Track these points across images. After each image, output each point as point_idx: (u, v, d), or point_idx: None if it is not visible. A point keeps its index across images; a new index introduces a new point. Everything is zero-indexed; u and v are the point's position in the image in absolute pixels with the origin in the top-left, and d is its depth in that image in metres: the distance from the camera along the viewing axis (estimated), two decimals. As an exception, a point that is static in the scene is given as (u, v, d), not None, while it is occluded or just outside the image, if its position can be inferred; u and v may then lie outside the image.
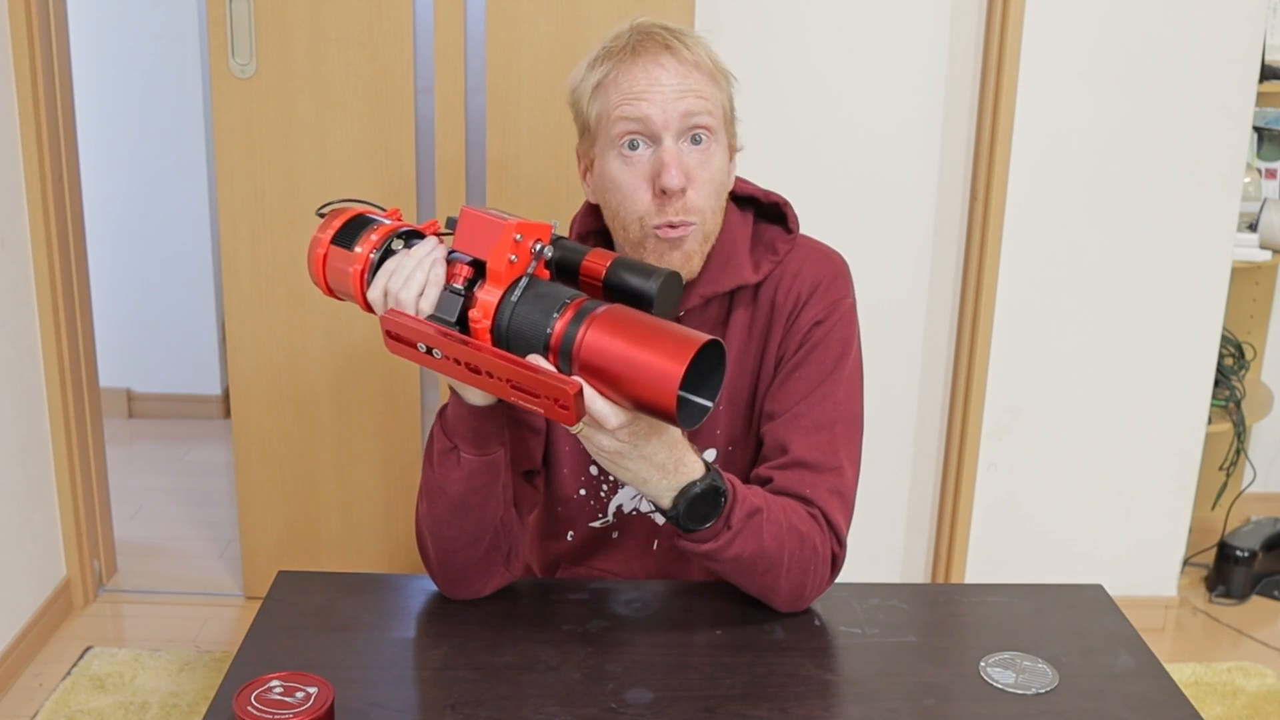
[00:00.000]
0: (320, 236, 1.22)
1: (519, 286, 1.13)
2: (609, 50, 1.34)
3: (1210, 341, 2.54)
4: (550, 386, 1.08)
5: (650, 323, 1.10)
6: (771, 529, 1.28)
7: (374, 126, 2.37)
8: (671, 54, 1.31)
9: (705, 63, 1.33)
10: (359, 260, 1.20)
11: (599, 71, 1.33)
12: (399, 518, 2.60)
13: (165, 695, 2.29)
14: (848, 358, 1.41)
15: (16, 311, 2.42)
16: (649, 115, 1.30)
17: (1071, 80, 2.38)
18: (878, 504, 2.63)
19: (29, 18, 2.34)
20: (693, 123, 1.31)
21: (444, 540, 1.32)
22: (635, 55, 1.31)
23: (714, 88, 1.33)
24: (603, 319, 1.10)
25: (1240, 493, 3.10)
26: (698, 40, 1.35)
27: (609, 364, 1.09)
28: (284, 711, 1.05)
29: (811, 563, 1.32)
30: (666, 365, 1.06)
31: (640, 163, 1.32)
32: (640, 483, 1.21)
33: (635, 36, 1.33)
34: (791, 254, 1.43)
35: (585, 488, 1.48)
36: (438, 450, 1.29)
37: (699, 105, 1.31)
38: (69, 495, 2.59)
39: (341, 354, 2.49)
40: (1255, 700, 2.40)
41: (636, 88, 1.30)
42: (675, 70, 1.31)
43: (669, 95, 1.30)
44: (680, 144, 1.31)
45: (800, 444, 1.36)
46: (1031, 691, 1.22)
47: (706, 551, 1.26)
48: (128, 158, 3.52)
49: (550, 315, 1.11)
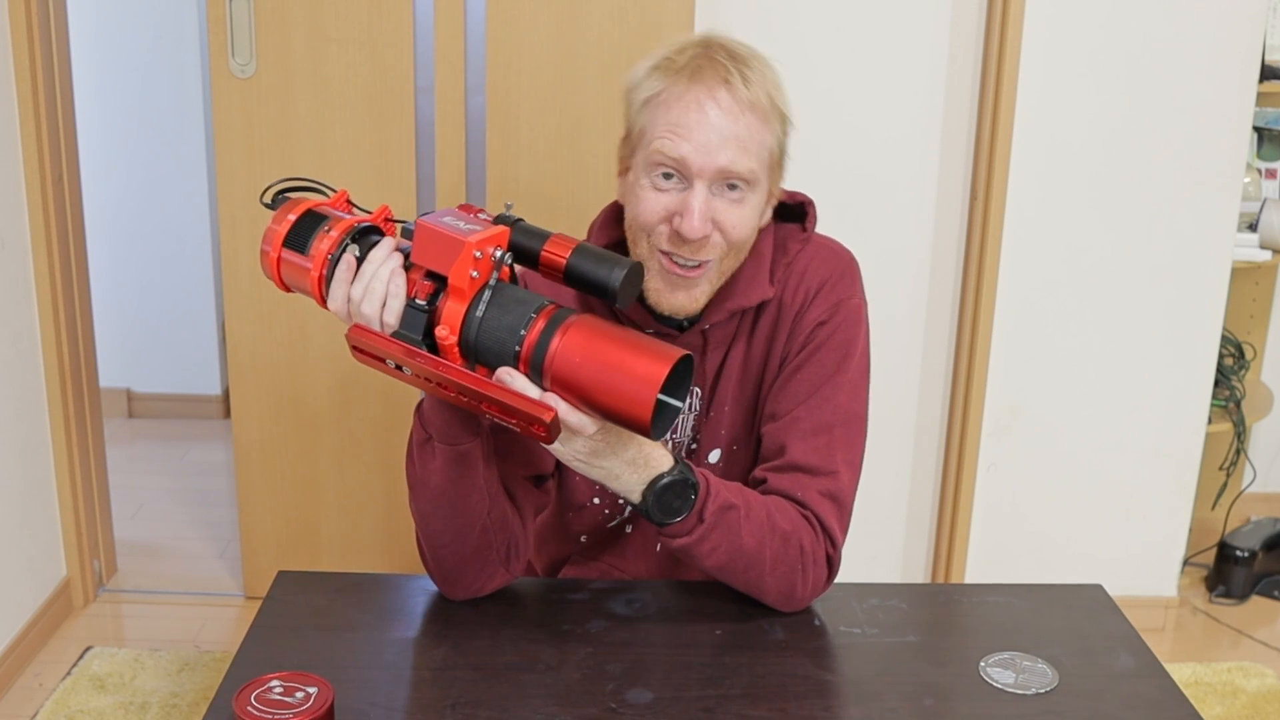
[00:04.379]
0: (271, 238, 1.18)
1: (483, 300, 1.12)
2: (669, 62, 1.29)
3: (1210, 341, 2.54)
4: (525, 412, 1.09)
5: (621, 336, 1.10)
6: (750, 526, 1.28)
7: (374, 126, 2.37)
8: (728, 90, 1.26)
9: (761, 103, 1.28)
10: (315, 264, 1.17)
11: (653, 84, 1.29)
12: (399, 518, 2.60)
13: (165, 695, 2.29)
14: (851, 359, 1.39)
15: (16, 311, 2.42)
16: (686, 158, 1.26)
17: (1072, 80, 2.38)
18: (878, 504, 2.63)
19: (29, 18, 2.34)
20: (730, 174, 1.28)
21: (432, 534, 1.32)
22: (691, 81, 1.27)
23: (764, 130, 1.29)
24: (573, 333, 1.10)
25: (1240, 493, 3.10)
26: (762, 74, 1.29)
27: (582, 379, 1.09)
28: (284, 711, 1.05)
29: (799, 563, 1.31)
30: (640, 385, 1.07)
31: (668, 195, 1.29)
32: (612, 479, 1.22)
33: (697, 57, 1.28)
34: (802, 252, 1.42)
35: (600, 496, 1.48)
36: (416, 441, 1.29)
37: (740, 159, 1.27)
38: (69, 495, 2.59)
39: (341, 354, 2.49)
40: (1255, 700, 2.40)
41: (683, 120, 1.26)
42: (727, 109, 1.26)
43: (712, 140, 1.26)
44: (713, 190, 1.29)
45: (797, 447, 1.36)
46: (1031, 691, 1.22)
47: (681, 547, 1.27)
48: (128, 158, 3.52)
49: (518, 331, 1.10)
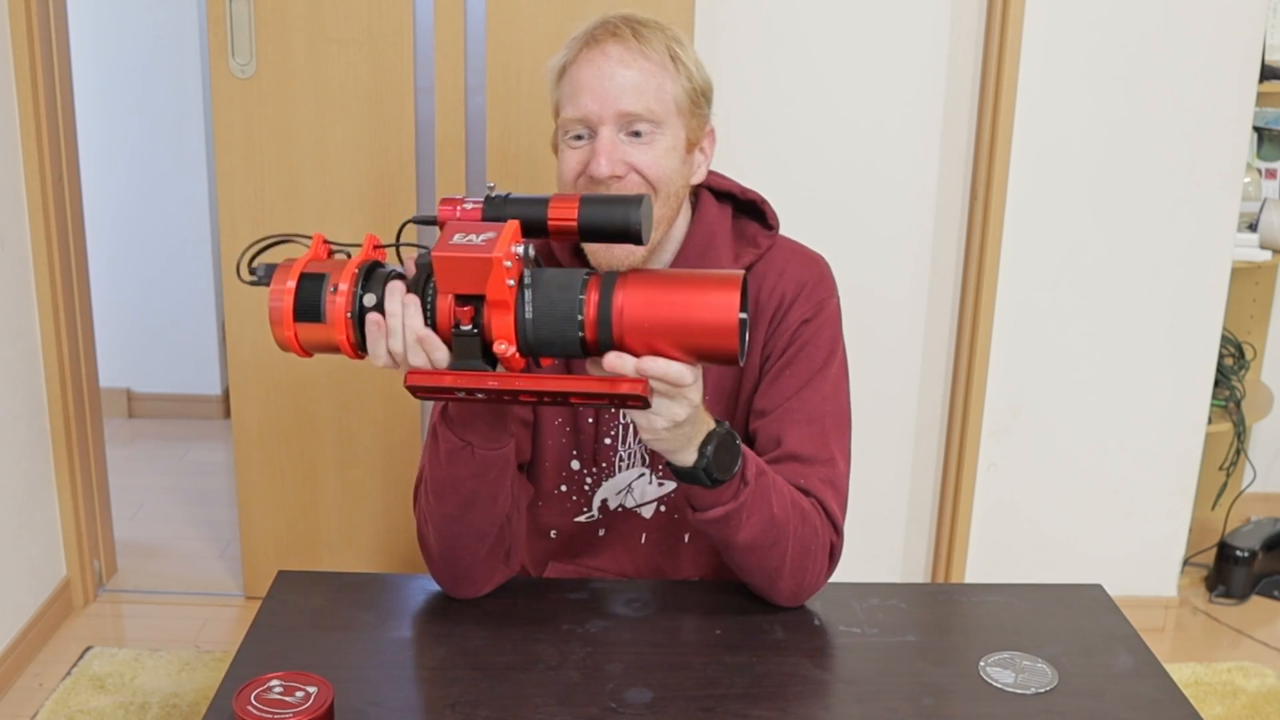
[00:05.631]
0: (280, 316, 1.13)
1: (526, 301, 1.09)
2: (573, 38, 1.36)
3: (1210, 341, 2.54)
4: (620, 393, 1.08)
5: (671, 276, 1.09)
6: (778, 496, 1.29)
7: (374, 126, 2.37)
8: (618, 42, 1.32)
9: (656, 53, 1.33)
10: (338, 329, 1.13)
11: (560, 57, 1.36)
12: (399, 518, 2.60)
13: (165, 695, 2.29)
14: (835, 356, 1.42)
15: (16, 311, 2.42)
16: (588, 109, 1.31)
17: (1071, 80, 2.38)
18: (878, 504, 2.63)
19: (29, 18, 2.34)
20: (631, 120, 1.31)
21: (452, 536, 1.32)
22: (587, 45, 1.33)
23: (663, 76, 1.33)
24: (630, 291, 1.08)
25: (1240, 493, 3.10)
26: (657, 30, 1.35)
27: (657, 328, 1.07)
28: (284, 711, 1.05)
29: (813, 543, 1.32)
30: (719, 312, 1.06)
31: (581, 151, 1.33)
32: (682, 444, 1.19)
33: (595, 26, 1.34)
34: (774, 252, 1.44)
35: (566, 483, 1.48)
36: (445, 449, 1.27)
37: (638, 103, 1.31)
38: (69, 495, 2.59)
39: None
40: (1255, 700, 2.40)
41: (583, 79, 1.32)
42: (620, 60, 1.31)
43: (608, 89, 1.31)
44: (620, 136, 1.32)
45: (793, 437, 1.37)
46: (1031, 691, 1.23)
47: (723, 516, 1.25)
48: (128, 158, 3.52)
49: (575, 317, 1.08)
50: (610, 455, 1.46)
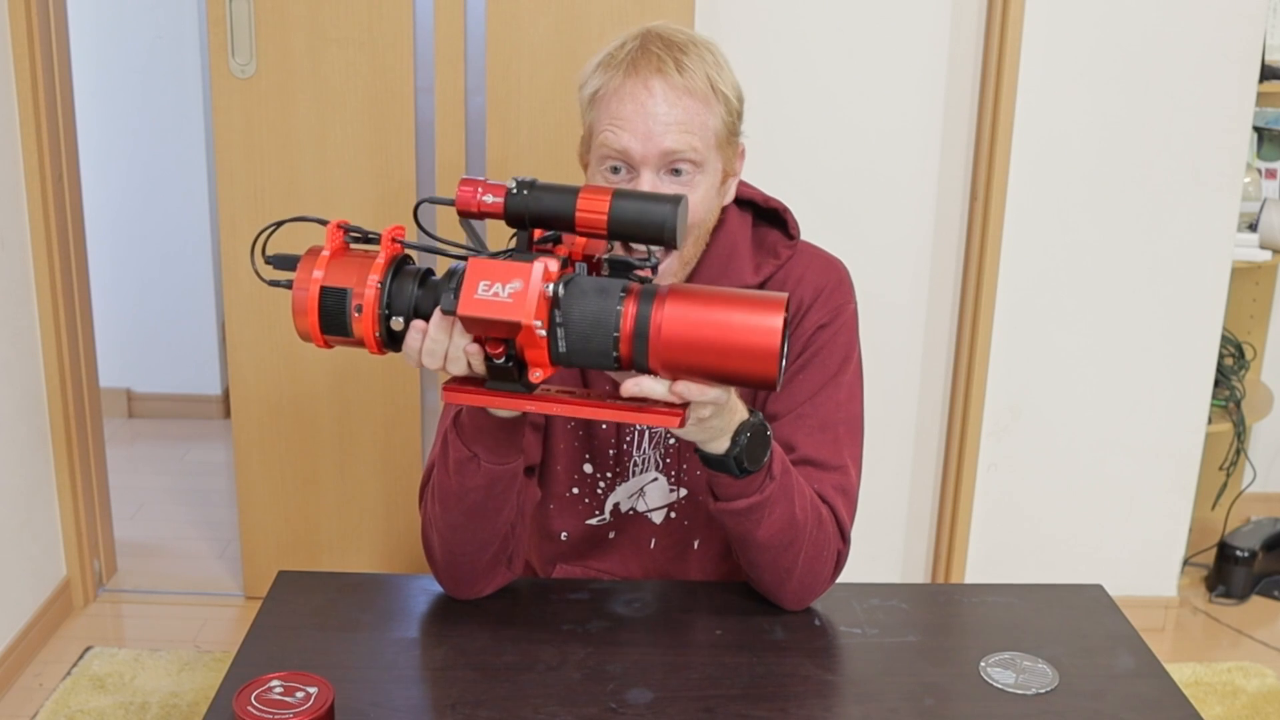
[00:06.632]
0: (308, 329, 1.11)
1: (559, 338, 1.06)
2: (611, 58, 1.32)
3: (1210, 341, 2.54)
4: (656, 414, 1.08)
5: (716, 291, 1.07)
6: (799, 496, 1.29)
7: (374, 126, 2.37)
8: (662, 79, 1.28)
9: (699, 88, 1.29)
10: (369, 346, 1.11)
11: (597, 80, 1.31)
12: (399, 518, 2.60)
13: (165, 695, 2.29)
14: (850, 362, 1.41)
15: (16, 311, 2.42)
16: (629, 148, 1.28)
17: (1071, 80, 2.38)
18: (878, 504, 2.63)
19: (29, 18, 2.34)
20: (674, 159, 1.29)
21: (456, 544, 1.32)
22: (628, 74, 1.29)
23: (705, 112, 1.30)
24: (669, 314, 1.05)
25: (1240, 493, 3.10)
26: (700, 59, 1.31)
27: (693, 355, 1.05)
28: (284, 711, 1.05)
29: (825, 548, 1.33)
30: (761, 337, 1.03)
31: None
32: (715, 435, 1.19)
33: (634, 51, 1.30)
34: (794, 259, 1.43)
35: (579, 486, 1.48)
36: (454, 459, 1.26)
37: (682, 141, 1.28)
38: (69, 495, 2.59)
39: (341, 353, 2.49)
40: (1255, 700, 2.40)
41: (623, 113, 1.28)
42: (664, 97, 1.27)
43: (652, 129, 1.27)
44: (660, 175, 1.30)
45: (805, 442, 1.37)
46: (1031, 691, 1.23)
47: (748, 508, 1.25)
48: (128, 158, 3.52)
49: (610, 354, 1.06)
50: (625, 459, 1.45)
